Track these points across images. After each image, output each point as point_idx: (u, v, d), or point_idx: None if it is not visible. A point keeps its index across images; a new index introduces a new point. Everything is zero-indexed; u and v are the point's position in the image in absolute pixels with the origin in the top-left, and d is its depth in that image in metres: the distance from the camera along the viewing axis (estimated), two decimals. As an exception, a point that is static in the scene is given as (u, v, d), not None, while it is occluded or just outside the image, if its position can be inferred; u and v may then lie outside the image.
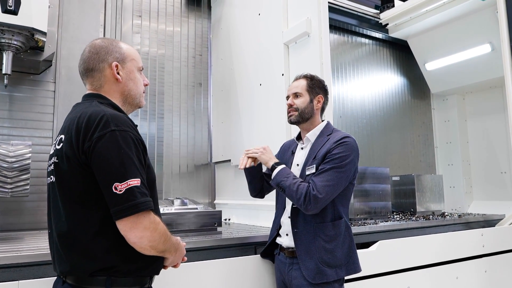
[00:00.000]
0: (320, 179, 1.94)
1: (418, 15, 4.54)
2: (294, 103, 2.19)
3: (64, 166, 1.36)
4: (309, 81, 2.22)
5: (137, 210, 1.27)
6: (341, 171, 1.95)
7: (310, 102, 2.18)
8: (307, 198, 1.90)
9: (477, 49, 4.47)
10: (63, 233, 1.36)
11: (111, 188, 1.27)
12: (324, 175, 1.94)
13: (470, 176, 5.04)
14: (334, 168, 1.94)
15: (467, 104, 5.21)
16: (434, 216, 3.81)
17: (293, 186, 1.96)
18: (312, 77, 2.25)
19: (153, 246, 1.33)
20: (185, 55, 4.02)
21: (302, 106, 2.17)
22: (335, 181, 1.93)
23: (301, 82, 2.23)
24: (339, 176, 1.95)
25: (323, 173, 1.95)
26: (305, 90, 2.20)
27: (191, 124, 3.98)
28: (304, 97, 2.19)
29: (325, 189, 1.90)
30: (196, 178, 3.95)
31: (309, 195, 1.90)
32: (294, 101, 2.19)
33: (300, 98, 2.19)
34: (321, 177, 1.94)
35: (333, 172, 1.94)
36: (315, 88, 2.21)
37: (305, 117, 2.17)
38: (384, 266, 2.76)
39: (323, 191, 1.90)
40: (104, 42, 1.54)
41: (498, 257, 3.41)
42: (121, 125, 1.34)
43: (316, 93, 2.21)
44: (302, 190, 1.93)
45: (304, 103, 2.18)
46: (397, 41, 5.13)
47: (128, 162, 1.30)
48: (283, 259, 2.17)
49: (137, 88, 1.58)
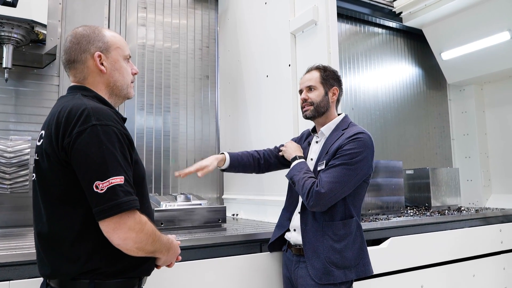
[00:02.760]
0: (326, 175, 1.84)
1: (434, 3, 4.36)
2: (308, 97, 2.08)
3: (44, 164, 1.29)
4: (322, 73, 2.10)
5: (119, 210, 1.19)
6: (350, 168, 1.84)
7: (325, 95, 2.07)
8: (310, 194, 1.82)
9: (495, 37, 4.27)
10: (44, 234, 1.29)
11: (92, 186, 1.19)
12: (330, 171, 1.84)
13: (488, 169, 4.86)
14: (343, 165, 1.84)
15: (485, 94, 5.01)
16: (450, 211, 3.67)
17: (301, 181, 1.89)
18: (325, 68, 2.13)
19: (140, 247, 1.25)
20: (191, 47, 3.93)
21: (317, 100, 2.06)
22: (341, 178, 1.82)
23: (314, 74, 2.11)
24: (348, 173, 1.83)
25: (331, 169, 1.85)
26: (319, 83, 2.08)
27: (199, 117, 3.91)
28: (318, 90, 2.07)
29: (329, 185, 1.80)
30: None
31: (312, 191, 1.81)
32: (308, 95, 2.09)
33: (314, 92, 2.08)
34: (327, 173, 1.85)
35: (341, 168, 1.83)
36: (329, 79, 2.09)
37: (320, 111, 2.07)
38: (396, 264, 2.65)
39: (326, 187, 1.80)
40: (86, 30, 1.44)
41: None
42: (103, 119, 1.26)
43: (331, 85, 2.09)
44: (307, 186, 1.85)
45: (319, 96, 2.06)
46: (412, 30, 4.95)
47: (110, 159, 1.21)
48: (290, 256, 2.10)
49: (123, 78, 1.49)
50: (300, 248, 2.01)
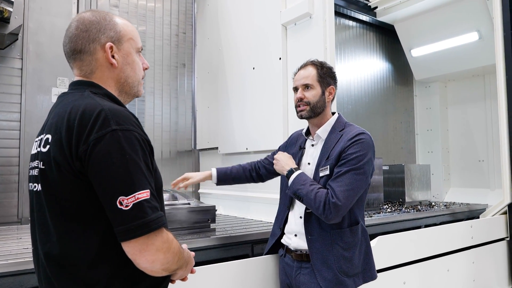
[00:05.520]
0: (338, 184, 1.73)
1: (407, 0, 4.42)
2: (304, 96, 1.93)
3: (53, 175, 1.09)
4: (320, 70, 1.95)
5: (148, 229, 1.03)
6: (359, 172, 1.75)
7: (322, 94, 1.93)
8: (327, 207, 1.70)
9: (464, 36, 4.42)
10: (54, 256, 1.11)
11: (115, 203, 1.02)
12: (341, 179, 1.74)
13: (448, 164, 5.07)
14: (352, 171, 1.74)
15: (448, 91, 5.20)
16: (421, 206, 3.78)
17: (311, 194, 1.75)
18: (322, 65, 1.98)
19: (166, 268, 1.10)
20: (167, 32, 3.70)
21: (314, 100, 1.91)
22: (354, 184, 1.74)
23: (311, 71, 1.95)
24: (358, 178, 1.75)
25: (340, 177, 1.74)
26: (316, 81, 1.93)
27: (174, 107, 3.71)
28: (315, 90, 1.92)
29: (344, 194, 1.70)
30: (179, 165, 3.70)
31: (329, 203, 1.70)
32: (304, 93, 1.93)
33: (311, 91, 1.92)
34: (338, 181, 1.74)
35: (351, 174, 1.74)
36: (326, 77, 1.95)
37: (317, 112, 1.93)
38: (383, 262, 2.67)
39: (343, 197, 1.70)
40: (96, 17, 1.23)
41: (484, 248, 3.42)
42: (123, 123, 1.08)
43: (328, 84, 1.95)
44: (320, 198, 1.72)
45: (316, 96, 1.92)
46: (384, 25, 5.00)
47: (135, 170, 1.05)
48: (289, 261, 1.99)
49: (135, 74, 1.30)
50: (302, 254, 1.92)
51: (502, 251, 3.57)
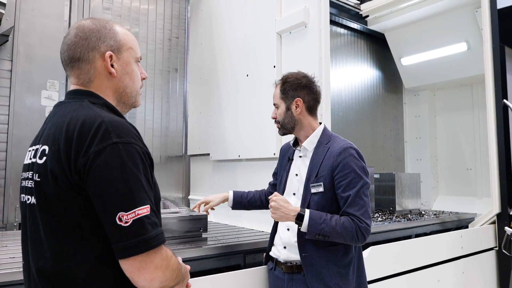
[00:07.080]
0: (355, 208, 1.74)
1: (399, 9, 4.46)
2: (275, 115, 2.01)
3: (49, 188, 1.06)
4: (281, 86, 1.98)
5: (148, 247, 1.01)
6: (365, 188, 1.79)
7: (286, 110, 1.95)
8: (360, 234, 1.72)
9: (453, 47, 4.48)
10: (47, 272, 1.07)
11: (115, 218, 0.99)
12: (356, 203, 1.74)
13: (437, 172, 5.12)
14: (359, 190, 1.76)
15: (437, 100, 5.26)
16: (411, 215, 3.80)
17: (338, 228, 1.72)
18: (285, 80, 1.98)
19: (164, 286, 1.07)
20: (160, 36, 3.66)
21: (280, 118, 1.98)
22: (366, 200, 1.78)
23: (276, 91, 2.02)
24: (366, 193, 1.80)
25: (354, 201, 1.75)
26: (279, 99, 1.98)
27: (165, 112, 3.67)
28: (280, 107, 1.98)
29: (366, 215, 1.75)
30: (168, 171, 3.66)
31: (360, 229, 1.72)
32: (276, 113, 2.01)
33: (278, 109, 1.99)
34: (354, 206, 1.74)
35: (360, 192, 1.76)
36: (288, 92, 1.94)
37: (288, 128, 1.97)
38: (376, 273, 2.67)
39: (366, 218, 1.74)
40: (96, 25, 1.22)
41: (473, 258, 3.45)
42: (124, 135, 1.06)
43: (291, 98, 1.94)
44: (351, 229, 1.71)
45: (281, 114, 1.97)
46: (374, 33, 5.04)
47: (135, 185, 1.02)
48: (280, 274, 1.96)
49: (133, 84, 1.28)
50: (292, 265, 1.90)
51: (491, 260, 3.61)
